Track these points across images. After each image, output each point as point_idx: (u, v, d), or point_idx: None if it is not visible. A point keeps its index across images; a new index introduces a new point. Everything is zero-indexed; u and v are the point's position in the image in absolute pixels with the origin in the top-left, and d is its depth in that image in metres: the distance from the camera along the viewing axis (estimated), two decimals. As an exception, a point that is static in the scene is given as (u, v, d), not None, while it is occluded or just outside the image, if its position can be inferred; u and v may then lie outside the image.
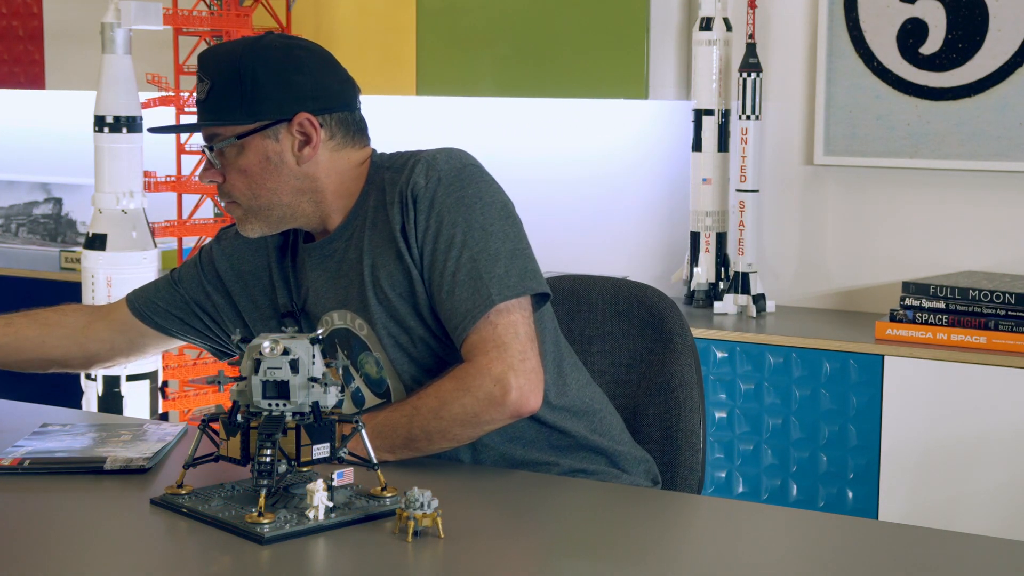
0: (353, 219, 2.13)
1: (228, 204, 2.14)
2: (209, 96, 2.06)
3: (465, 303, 2.00)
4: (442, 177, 2.04)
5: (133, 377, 3.77)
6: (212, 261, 2.29)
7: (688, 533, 1.81)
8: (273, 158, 2.08)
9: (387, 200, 2.08)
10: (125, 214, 3.74)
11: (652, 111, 4.07)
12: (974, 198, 3.66)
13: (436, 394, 2.01)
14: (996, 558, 1.71)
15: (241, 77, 2.05)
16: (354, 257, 2.11)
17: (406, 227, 2.05)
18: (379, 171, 2.14)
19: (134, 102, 3.74)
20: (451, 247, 2.02)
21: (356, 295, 2.10)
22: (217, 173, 2.11)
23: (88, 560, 1.69)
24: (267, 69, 2.07)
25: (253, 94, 2.05)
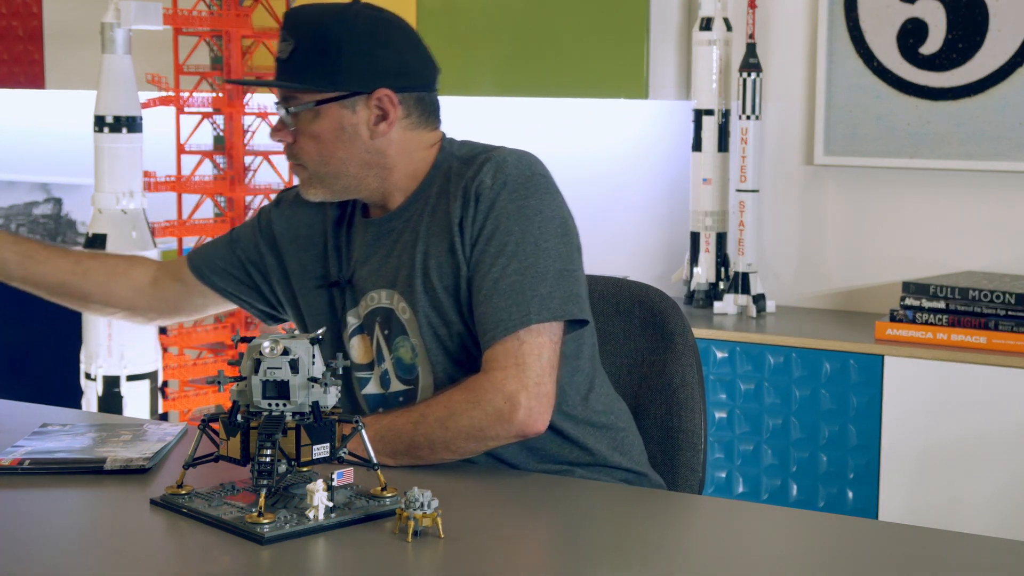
0: (415, 201, 2.12)
1: (295, 166, 2.12)
2: (291, 57, 2.04)
3: (500, 312, 1.98)
4: (508, 181, 2.02)
5: (133, 377, 3.78)
6: (270, 222, 2.27)
7: (689, 533, 1.81)
8: (348, 128, 2.07)
9: (450, 191, 2.07)
10: (125, 214, 3.74)
11: (652, 111, 4.07)
12: (974, 198, 3.66)
13: (445, 404, 2.00)
14: (996, 558, 1.71)
15: (327, 44, 2.03)
16: (409, 240, 2.10)
17: (464, 222, 2.04)
18: (448, 158, 2.12)
19: (134, 102, 3.75)
20: (501, 254, 2.00)
21: (405, 278, 2.08)
22: (288, 133, 2.09)
23: (88, 560, 1.69)
24: (354, 39, 2.05)
25: (337, 63, 2.04)
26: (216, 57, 3.97)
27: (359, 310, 2.15)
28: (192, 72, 3.96)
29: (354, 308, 2.16)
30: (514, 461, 2.06)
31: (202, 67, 3.98)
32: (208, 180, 3.96)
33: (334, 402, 1.81)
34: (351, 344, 2.16)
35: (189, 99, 3.88)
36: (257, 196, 4.01)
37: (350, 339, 2.16)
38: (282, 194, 2.30)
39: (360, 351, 2.16)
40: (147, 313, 2.39)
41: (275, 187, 4.00)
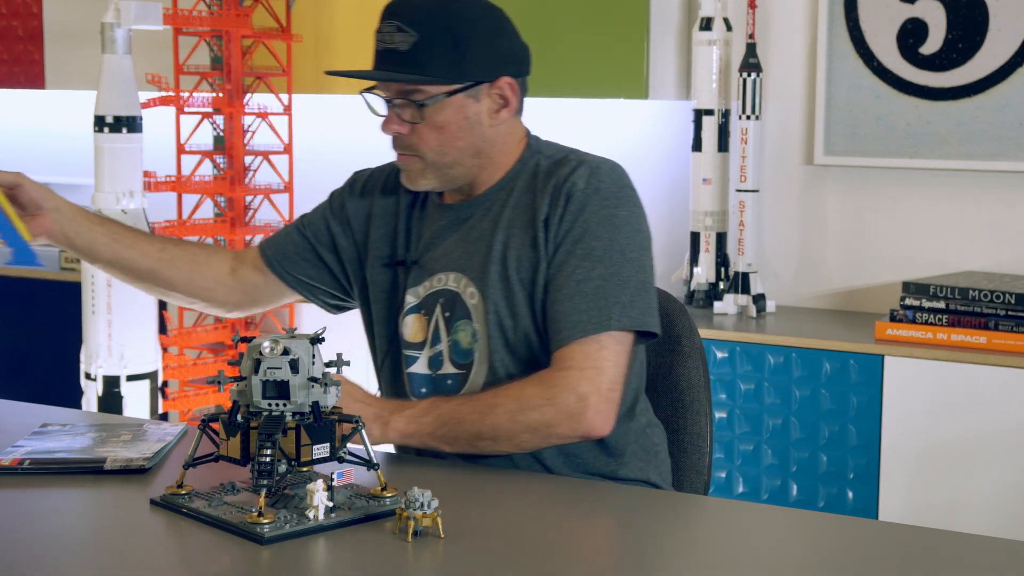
0: (498, 191, 2.14)
1: (407, 157, 2.12)
2: (414, 48, 2.03)
3: (580, 314, 2.00)
4: (601, 188, 2.05)
5: (133, 377, 3.78)
6: (343, 203, 2.29)
7: (689, 533, 1.81)
8: (471, 118, 2.09)
9: (537, 187, 2.09)
10: (125, 214, 3.74)
11: (652, 111, 4.07)
12: (974, 198, 3.66)
13: (517, 396, 2.00)
14: (996, 558, 1.71)
15: (454, 35, 2.04)
16: (487, 228, 2.12)
17: (550, 220, 2.06)
18: (534, 154, 2.15)
19: (134, 102, 3.75)
20: (587, 257, 2.03)
21: (479, 264, 2.10)
22: (403, 124, 2.09)
23: (88, 560, 1.69)
24: (477, 29, 2.06)
25: (464, 54, 2.04)
26: (216, 57, 3.97)
27: (420, 290, 2.16)
28: (192, 72, 3.96)
29: (415, 287, 2.17)
30: (550, 464, 2.08)
31: (202, 67, 3.98)
32: (208, 180, 3.96)
33: (334, 402, 1.81)
34: (405, 322, 2.17)
35: (189, 99, 3.88)
36: (257, 196, 4.01)
37: (404, 317, 2.17)
38: (355, 176, 2.32)
39: (414, 329, 2.16)
40: (226, 305, 2.37)
41: (275, 187, 4.00)
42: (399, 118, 2.08)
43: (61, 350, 4.34)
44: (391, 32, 2.04)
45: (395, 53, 2.04)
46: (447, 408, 2.02)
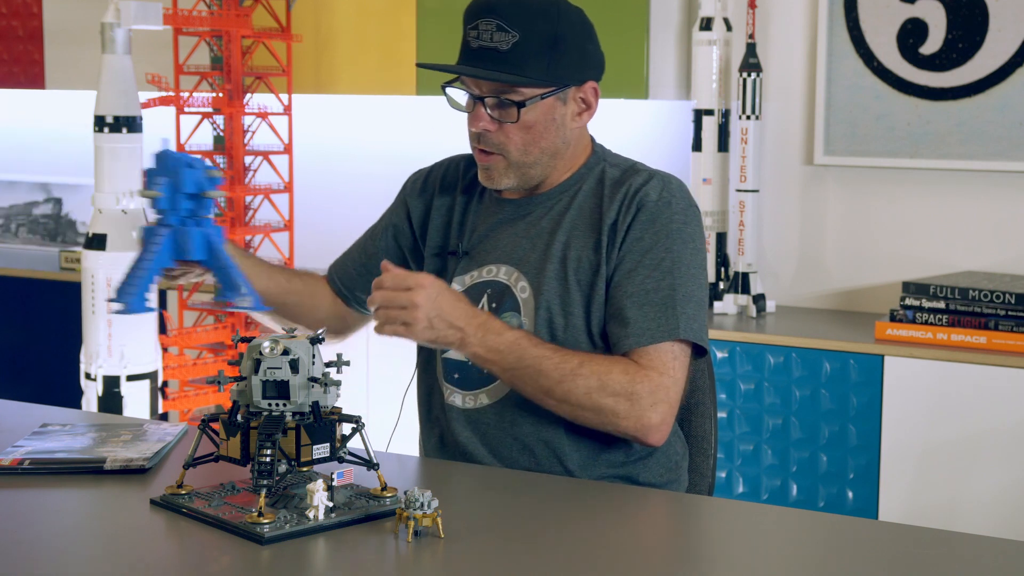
0: (561, 191, 2.17)
1: (490, 155, 2.13)
2: (514, 48, 2.04)
3: (651, 320, 2.04)
4: (672, 202, 2.10)
5: (133, 377, 3.78)
6: (405, 201, 2.32)
7: (689, 533, 1.81)
8: (557, 119, 2.12)
9: (605, 193, 2.13)
10: (125, 214, 3.74)
11: (652, 111, 4.07)
12: (974, 198, 3.66)
13: (600, 376, 2.01)
14: (996, 558, 1.71)
15: (553, 37, 2.06)
16: (547, 226, 2.15)
17: (618, 224, 2.10)
18: (599, 161, 2.20)
19: (134, 102, 3.74)
20: (656, 268, 2.07)
21: (535, 261, 2.13)
22: (492, 122, 2.10)
23: (88, 560, 1.69)
24: (574, 34, 2.10)
25: (561, 56, 2.07)
26: (216, 57, 3.97)
27: (466, 279, 2.18)
28: (192, 72, 3.96)
29: (461, 276, 2.19)
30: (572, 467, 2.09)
31: (202, 67, 3.98)
32: (208, 180, 3.95)
33: (334, 402, 1.81)
34: None
35: (189, 99, 3.88)
36: (257, 196, 4.01)
37: None
38: (413, 175, 2.35)
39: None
40: (338, 328, 2.38)
41: (275, 187, 4.00)
42: (489, 116, 2.10)
43: (61, 350, 4.34)
44: (490, 30, 2.05)
45: (494, 52, 2.05)
46: (531, 354, 2.02)
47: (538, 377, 2.02)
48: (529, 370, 2.02)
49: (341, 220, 4.58)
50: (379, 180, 4.67)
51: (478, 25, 2.06)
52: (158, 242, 1.95)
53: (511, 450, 2.10)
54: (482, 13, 2.06)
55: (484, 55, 2.06)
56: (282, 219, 4.06)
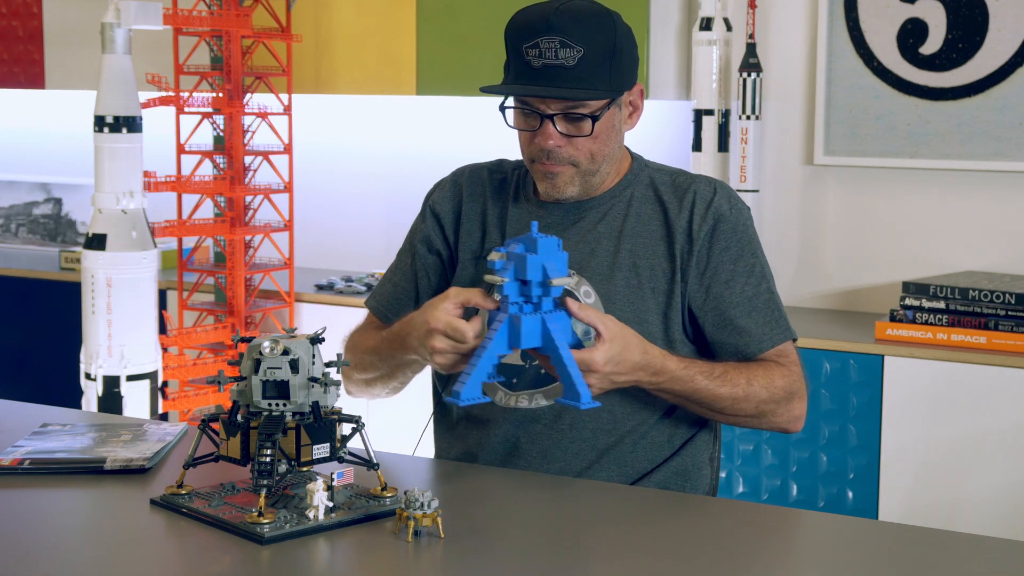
0: (612, 197, 2.19)
1: (557, 167, 2.12)
2: (580, 63, 2.04)
3: (765, 326, 2.13)
4: (742, 211, 2.17)
5: (133, 377, 3.78)
6: (431, 211, 2.29)
7: (688, 533, 1.81)
8: (616, 125, 2.14)
9: (665, 199, 2.16)
10: (125, 214, 3.74)
11: (652, 111, 4.06)
12: (974, 198, 3.66)
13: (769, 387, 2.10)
14: (996, 558, 1.71)
15: (613, 47, 2.07)
16: (606, 232, 2.16)
17: (694, 233, 2.12)
18: (642, 166, 2.23)
19: (134, 102, 3.75)
20: (751, 274, 2.14)
21: (602, 268, 2.13)
22: (561, 138, 2.10)
23: (88, 560, 1.69)
24: (629, 42, 2.12)
25: (619, 65, 2.09)
26: (216, 57, 3.97)
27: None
28: (192, 72, 3.96)
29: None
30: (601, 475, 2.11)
31: (202, 67, 3.98)
32: (208, 180, 3.96)
33: (334, 402, 1.81)
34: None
35: (189, 99, 3.88)
36: (257, 196, 4.01)
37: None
38: (437, 184, 2.32)
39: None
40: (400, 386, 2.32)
41: (275, 187, 4.00)
42: (559, 133, 2.09)
43: (61, 350, 4.34)
44: (553, 47, 2.04)
45: (561, 68, 2.05)
46: (703, 386, 2.05)
47: (712, 403, 2.08)
48: (702, 400, 2.07)
49: (341, 220, 4.58)
50: (379, 180, 4.67)
51: (538, 43, 2.05)
52: (496, 327, 1.89)
53: (565, 453, 2.10)
54: (542, 31, 2.05)
55: (551, 72, 2.05)
56: (282, 219, 4.06)
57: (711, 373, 2.06)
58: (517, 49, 2.07)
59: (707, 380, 2.05)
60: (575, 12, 2.06)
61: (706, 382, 2.05)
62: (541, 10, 2.07)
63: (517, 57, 2.08)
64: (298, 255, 4.30)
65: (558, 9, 2.05)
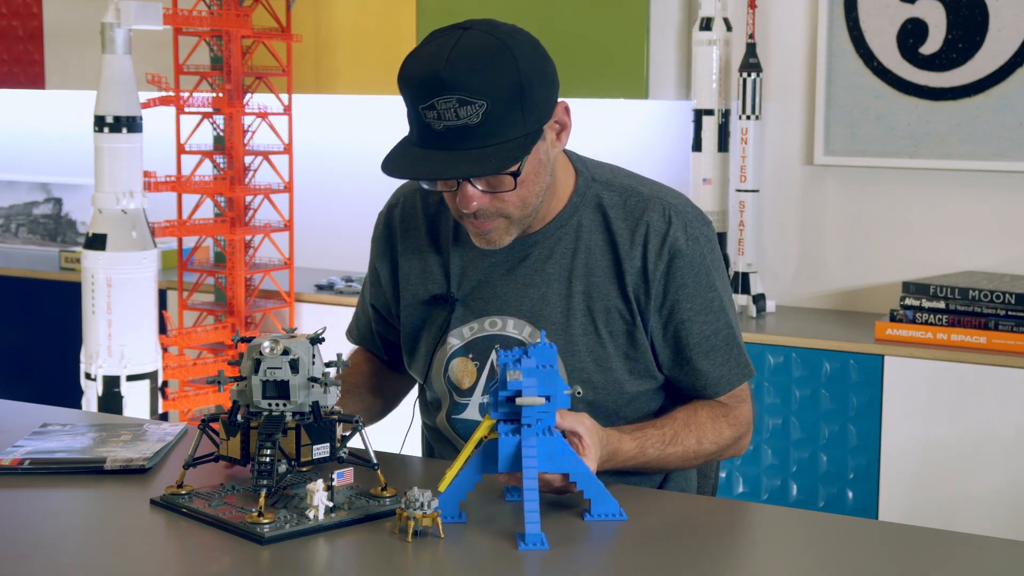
0: (558, 227, 2.03)
1: (488, 223, 1.95)
2: (486, 119, 1.82)
3: (722, 367, 2.07)
4: (699, 237, 2.03)
5: (133, 377, 3.78)
6: (375, 246, 2.19)
7: (689, 533, 1.81)
8: (543, 158, 1.94)
9: (614, 230, 2.01)
10: (125, 214, 3.74)
11: (652, 111, 4.07)
12: (974, 198, 3.66)
13: (717, 442, 2.07)
14: (996, 558, 1.71)
15: (526, 87, 1.86)
16: (556, 273, 2.02)
17: (649, 272, 2.00)
18: (588, 183, 2.05)
19: (134, 102, 3.75)
20: (707, 311, 2.04)
21: (556, 316, 2.01)
22: (484, 196, 1.91)
23: (88, 560, 1.69)
24: (535, 70, 1.88)
25: (531, 101, 1.87)
26: (216, 57, 3.97)
27: (464, 331, 2.07)
28: (192, 72, 3.96)
29: (459, 328, 2.07)
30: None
31: (202, 67, 3.98)
32: (208, 180, 3.96)
33: (334, 402, 1.81)
34: (451, 365, 2.07)
35: (189, 99, 3.88)
36: (257, 196, 4.01)
37: (449, 360, 2.08)
38: (377, 219, 2.21)
39: (461, 375, 2.07)
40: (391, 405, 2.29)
41: (275, 187, 4.00)
42: (480, 192, 1.90)
43: (61, 350, 4.34)
44: (452, 107, 1.82)
45: (465, 129, 1.83)
46: (653, 457, 1.99)
47: (662, 467, 2.04)
48: (651, 467, 2.03)
49: (341, 220, 4.58)
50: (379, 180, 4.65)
51: (435, 104, 1.82)
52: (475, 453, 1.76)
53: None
54: (436, 90, 1.82)
55: (455, 135, 1.83)
56: (282, 219, 4.06)
57: (662, 439, 2.00)
58: (414, 107, 1.86)
59: (658, 450, 1.99)
60: (468, 60, 1.83)
61: (656, 452, 1.99)
62: (430, 64, 1.83)
63: (416, 116, 1.86)
64: (298, 255, 4.30)
65: (448, 60, 1.82)
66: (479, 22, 1.89)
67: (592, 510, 1.79)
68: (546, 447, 1.74)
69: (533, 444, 1.73)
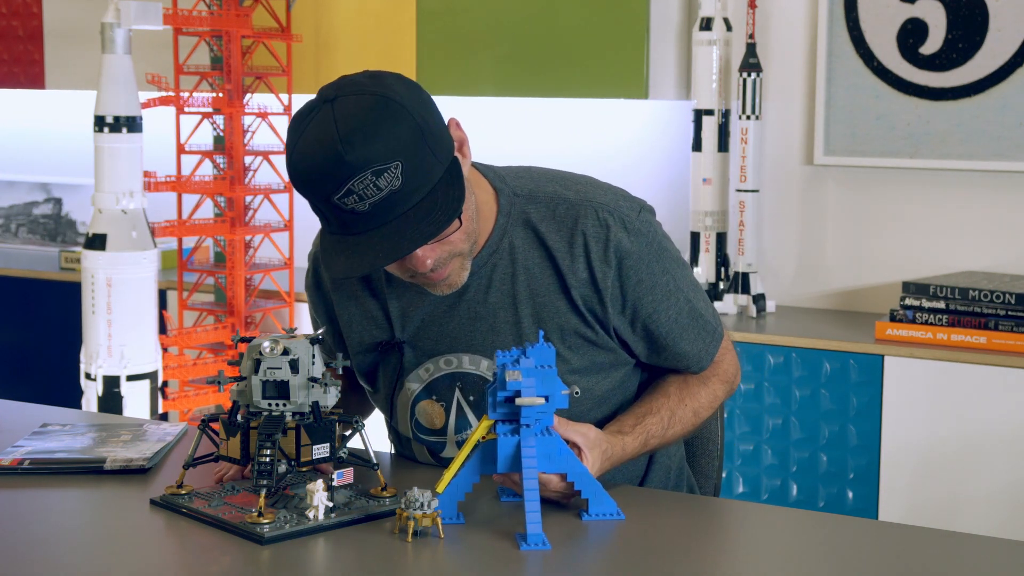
0: (490, 254, 1.97)
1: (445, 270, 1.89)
2: (407, 177, 1.76)
3: (696, 342, 2.05)
4: (640, 230, 1.98)
5: (133, 377, 3.78)
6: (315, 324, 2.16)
7: (688, 533, 1.81)
8: (466, 185, 1.87)
9: (550, 245, 1.96)
10: (125, 214, 3.74)
11: (652, 111, 4.07)
12: (974, 198, 3.66)
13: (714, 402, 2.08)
14: (996, 558, 1.71)
15: (424, 127, 1.78)
16: (499, 301, 1.97)
17: (599, 281, 1.96)
18: (509, 198, 1.98)
19: (134, 102, 3.75)
20: (668, 297, 2.01)
21: (510, 345, 1.94)
22: (434, 248, 1.85)
23: (88, 560, 1.69)
24: (417, 102, 1.81)
25: (434, 136, 1.80)
26: (216, 57, 3.97)
27: (421, 373, 2.03)
28: (192, 72, 3.96)
29: (415, 371, 2.03)
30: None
31: (202, 67, 3.98)
32: (208, 180, 3.96)
33: (334, 402, 1.81)
34: (417, 409, 2.05)
35: (189, 99, 3.88)
36: (257, 196, 4.01)
37: (413, 404, 2.04)
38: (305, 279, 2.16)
39: (431, 416, 2.05)
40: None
41: (275, 187, 4.00)
42: (428, 246, 1.84)
43: (61, 350, 4.34)
44: (370, 183, 1.74)
45: (392, 196, 1.76)
46: (656, 444, 2.00)
47: (667, 445, 2.05)
48: (657, 449, 2.03)
49: (341, 220, 4.58)
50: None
51: (351, 188, 1.74)
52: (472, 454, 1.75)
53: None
54: (346, 175, 1.74)
55: (384, 207, 1.77)
56: (282, 219, 4.06)
57: (661, 424, 1.99)
58: (328, 203, 1.78)
59: (659, 437, 1.99)
60: (360, 130, 1.74)
61: (657, 441, 1.99)
62: (324, 152, 1.74)
63: (333, 208, 1.78)
64: (298, 255, 4.30)
65: (342, 139, 1.73)
66: (335, 87, 1.81)
67: (590, 509, 1.80)
68: (544, 447, 1.74)
69: (532, 444, 1.72)
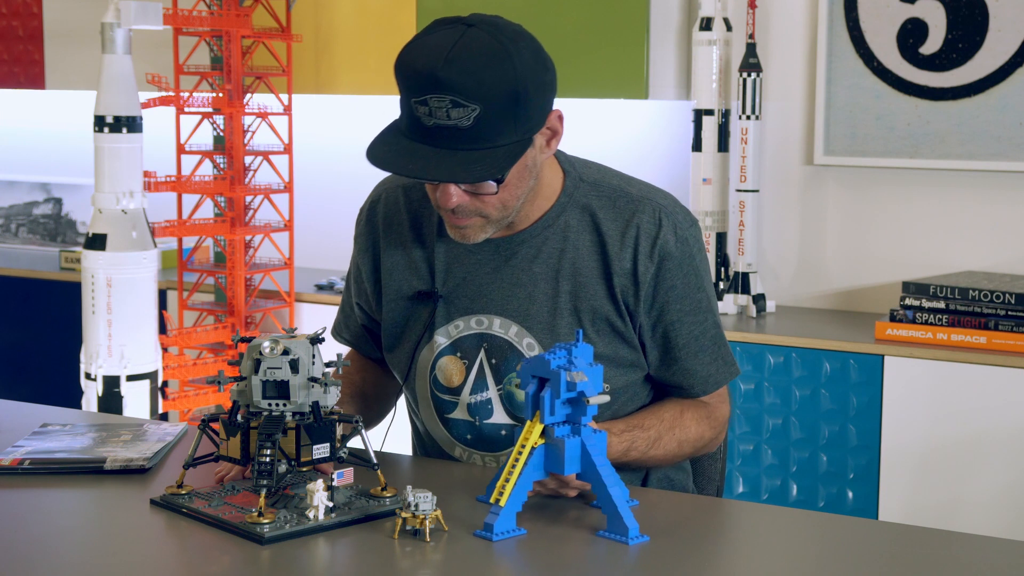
0: (545, 227, 2.02)
1: (465, 220, 1.94)
2: (477, 123, 1.81)
3: (709, 366, 2.08)
4: (688, 239, 2.03)
5: (133, 377, 3.78)
6: (357, 242, 2.16)
7: (689, 532, 1.81)
8: (529, 164, 1.93)
9: (604, 231, 2.01)
10: (125, 214, 3.74)
11: (652, 111, 4.07)
12: (974, 198, 3.66)
13: (695, 443, 2.08)
14: (996, 558, 1.71)
15: (522, 94, 1.84)
16: (542, 272, 2.02)
17: (639, 274, 2.00)
18: (576, 183, 2.03)
19: (134, 102, 3.75)
20: (696, 311, 2.04)
21: (543, 316, 2.00)
22: (463, 195, 1.90)
23: (88, 560, 1.69)
24: (533, 77, 1.86)
25: (526, 109, 1.86)
26: (216, 57, 3.97)
27: (450, 329, 2.05)
28: (192, 72, 3.96)
29: (444, 326, 2.06)
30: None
31: (202, 67, 3.98)
32: (208, 180, 3.96)
33: (334, 402, 1.81)
34: (439, 364, 2.06)
35: (189, 99, 3.88)
36: (257, 196, 4.01)
37: (437, 359, 2.07)
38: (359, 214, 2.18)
39: (450, 373, 2.07)
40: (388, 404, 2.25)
41: (275, 187, 4.00)
42: (460, 190, 1.90)
43: (61, 350, 4.34)
44: (444, 107, 1.81)
45: (455, 130, 1.82)
46: (635, 456, 2.01)
47: (642, 467, 2.07)
48: (640, 464, 2.04)
49: (341, 220, 4.57)
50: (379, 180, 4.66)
51: (427, 101, 1.82)
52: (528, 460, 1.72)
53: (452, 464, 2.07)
54: (430, 88, 1.81)
55: (444, 134, 1.83)
56: (282, 219, 4.06)
57: (647, 442, 2.01)
58: (407, 98, 1.85)
59: (641, 452, 2.00)
60: (466, 62, 1.81)
61: (638, 455, 2.01)
62: (428, 59, 1.81)
63: (407, 106, 1.86)
64: (298, 255, 4.30)
65: (447, 59, 1.80)
66: (484, 20, 1.87)
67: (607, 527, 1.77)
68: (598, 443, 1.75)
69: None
